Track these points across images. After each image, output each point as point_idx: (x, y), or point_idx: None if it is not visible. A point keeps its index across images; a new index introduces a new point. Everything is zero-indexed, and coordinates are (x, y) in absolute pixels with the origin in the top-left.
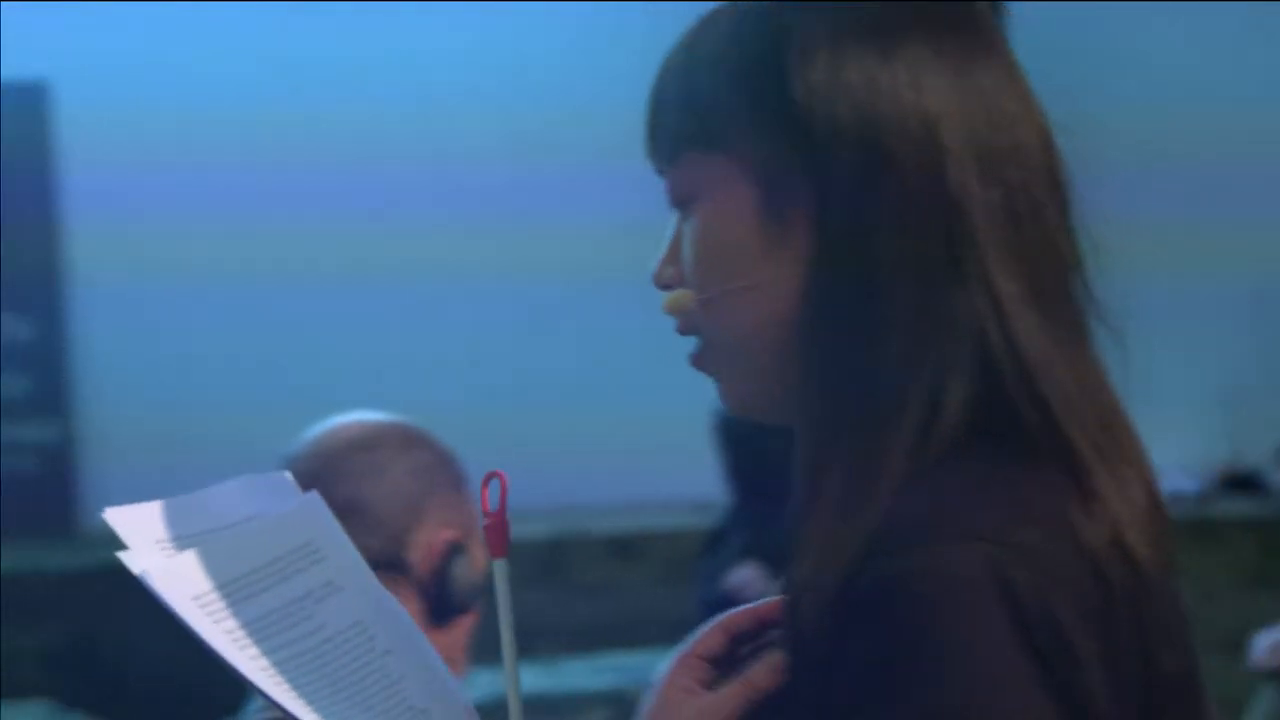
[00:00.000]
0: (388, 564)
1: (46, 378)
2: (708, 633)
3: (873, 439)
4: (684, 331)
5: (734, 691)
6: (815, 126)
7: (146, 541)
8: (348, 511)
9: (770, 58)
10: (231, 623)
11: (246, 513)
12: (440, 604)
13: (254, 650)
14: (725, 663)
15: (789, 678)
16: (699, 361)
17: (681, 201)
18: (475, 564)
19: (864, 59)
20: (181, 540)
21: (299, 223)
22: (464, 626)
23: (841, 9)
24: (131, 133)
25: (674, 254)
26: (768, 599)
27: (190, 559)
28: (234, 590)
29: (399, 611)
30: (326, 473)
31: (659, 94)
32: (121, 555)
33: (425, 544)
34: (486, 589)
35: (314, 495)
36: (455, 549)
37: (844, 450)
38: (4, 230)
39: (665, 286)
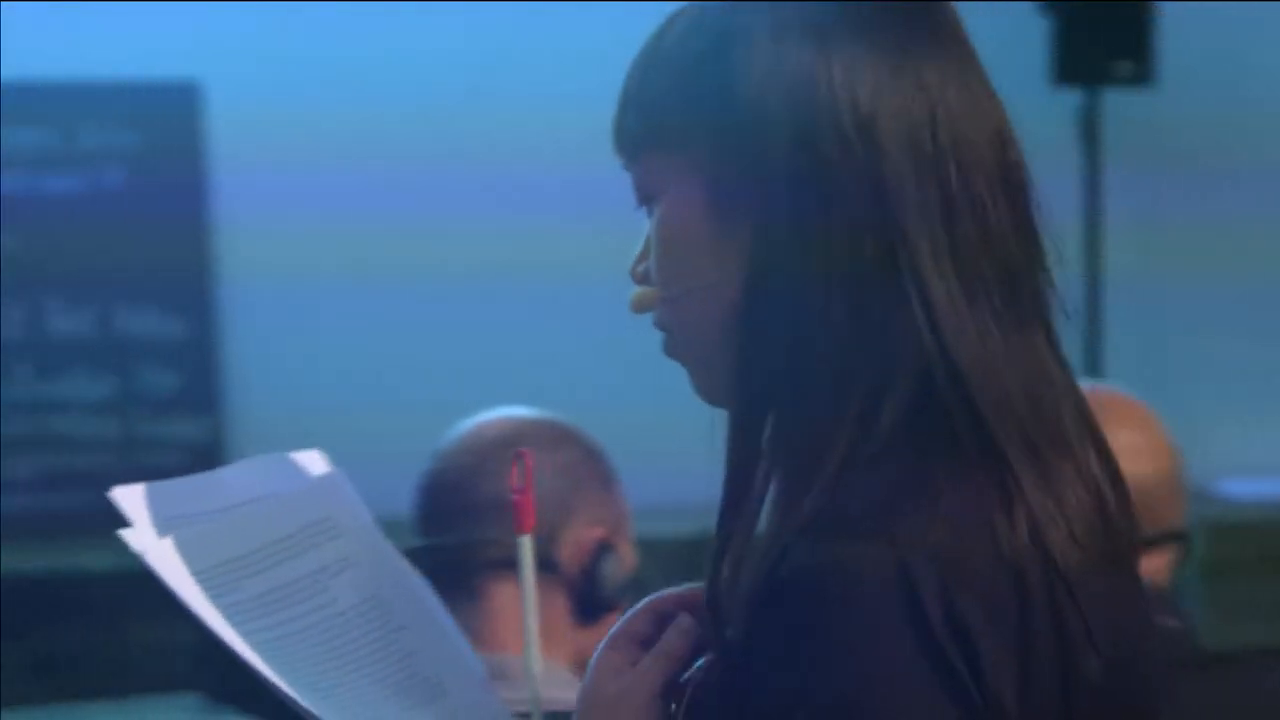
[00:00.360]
0: (536, 563)
1: (196, 376)
2: (634, 614)
3: (808, 441)
4: (657, 325)
5: (651, 663)
6: (755, 125)
7: (155, 519)
8: (495, 509)
9: (716, 57)
10: (232, 598)
11: (263, 491)
12: (588, 602)
13: (255, 624)
14: (654, 643)
15: (713, 670)
16: (670, 350)
17: (645, 200)
18: (624, 562)
19: (803, 57)
20: (193, 518)
21: (449, 222)
22: (611, 624)
23: (787, 8)
24: (282, 132)
25: (647, 251)
26: (693, 586)
27: (195, 535)
28: (239, 566)
29: (419, 588)
30: (474, 470)
31: (624, 93)
32: (122, 533)
33: (573, 542)
34: (633, 584)
35: (334, 473)
36: (604, 547)
37: (779, 450)
38: (155, 229)
39: (641, 282)
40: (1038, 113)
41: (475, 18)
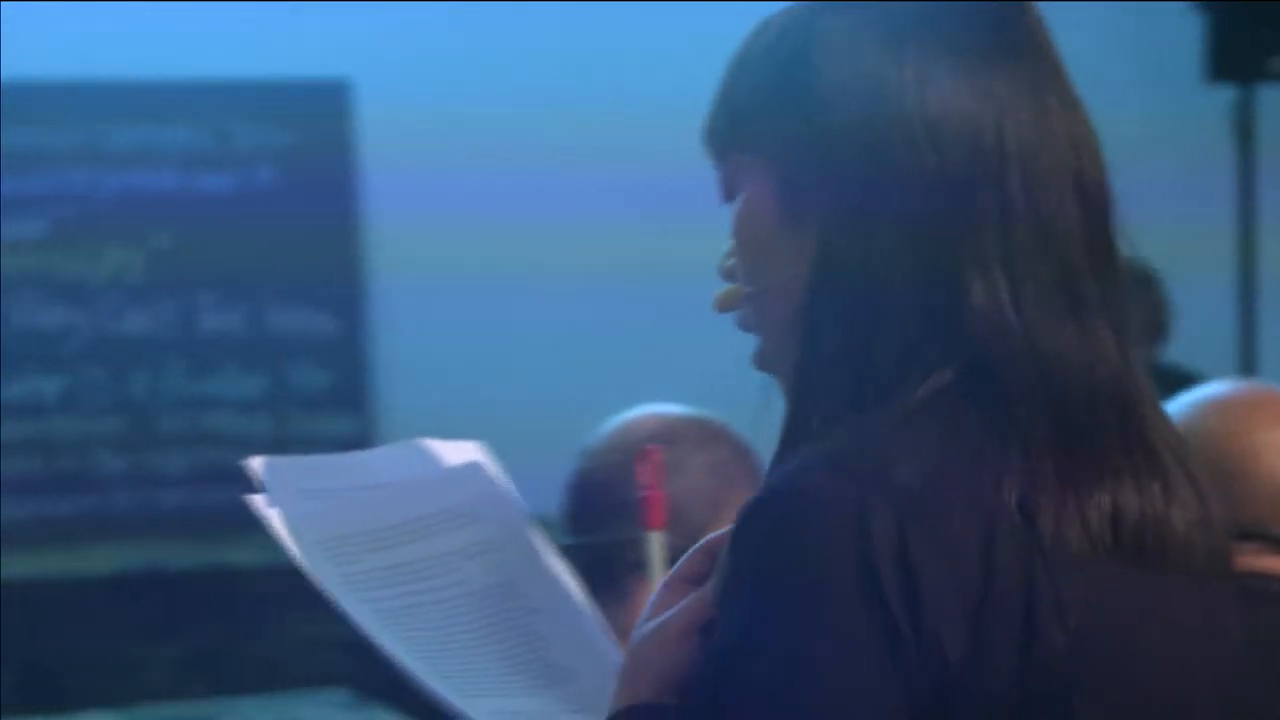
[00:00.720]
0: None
1: (346, 373)
2: (690, 556)
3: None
4: (741, 326)
5: (691, 601)
6: (826, 128)
7: (286, 489)
8: None
9: (796, 60)
10: (354, 568)
11: (402, 475)
12: None
13: (375, 594)
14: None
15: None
16: (760, 362)
17: (729, 198)
18: None
19: (878, 61)
20: (330, 492)
21: (598, 221)
22: None
23: (868, 10)
24: (433, 131)
25: (734, 249)
26: None
27: (324, 508)
28: (365, 540)
29: (561, 578)
30: (623, 468)
31: (716, 94)
32: (249, 498)
33: None
34: None
35: (477, 461)
36: None
37: (828, 435)
38: (306, 228)
39: (728, 278)
40: (1192, 110)
41: (628, 17)
